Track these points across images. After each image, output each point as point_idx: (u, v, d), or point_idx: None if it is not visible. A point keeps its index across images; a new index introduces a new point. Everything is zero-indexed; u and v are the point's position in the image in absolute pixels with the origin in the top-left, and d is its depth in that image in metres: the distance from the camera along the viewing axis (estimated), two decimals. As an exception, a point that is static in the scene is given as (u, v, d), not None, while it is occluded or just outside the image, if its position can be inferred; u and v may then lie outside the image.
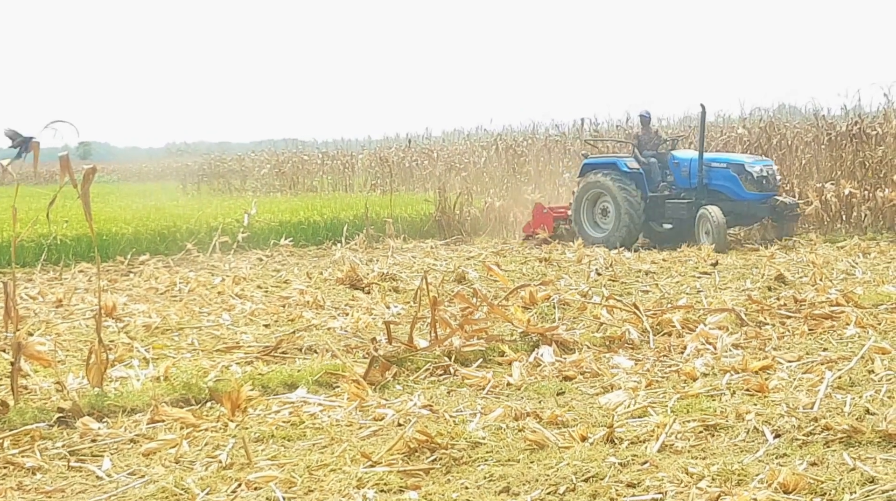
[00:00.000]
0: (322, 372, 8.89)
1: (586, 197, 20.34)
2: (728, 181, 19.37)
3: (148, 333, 11.07)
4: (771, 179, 19.58)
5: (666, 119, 33.47)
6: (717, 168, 19.53)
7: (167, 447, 6.97)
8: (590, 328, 10.94)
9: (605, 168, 20.18)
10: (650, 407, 7.67)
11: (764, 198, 19.35)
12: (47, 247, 17.77)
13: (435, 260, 18.12)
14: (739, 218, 19.46)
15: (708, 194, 19.36)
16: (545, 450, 6.64)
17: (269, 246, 20.78)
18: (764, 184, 19.39)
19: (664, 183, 20.18)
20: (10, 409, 7.66)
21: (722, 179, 19.42)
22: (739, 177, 19.30)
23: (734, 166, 19.49)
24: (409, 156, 38.60)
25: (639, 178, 19.90)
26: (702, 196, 19.34)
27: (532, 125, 35.36)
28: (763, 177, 19.40)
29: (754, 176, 19.30)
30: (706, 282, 14.13)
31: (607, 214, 20.02)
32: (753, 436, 6.81)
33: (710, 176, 19.47)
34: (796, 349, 9.80)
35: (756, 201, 19.31)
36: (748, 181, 19.28)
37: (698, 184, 19.45)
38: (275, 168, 45.48)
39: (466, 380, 8.83)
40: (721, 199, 19.23)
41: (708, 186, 19.44)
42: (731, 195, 19.30)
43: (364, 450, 6.62)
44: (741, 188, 19.28)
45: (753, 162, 19.81)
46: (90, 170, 8.29)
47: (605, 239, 19.64)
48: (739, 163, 19.56)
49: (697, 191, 19.43)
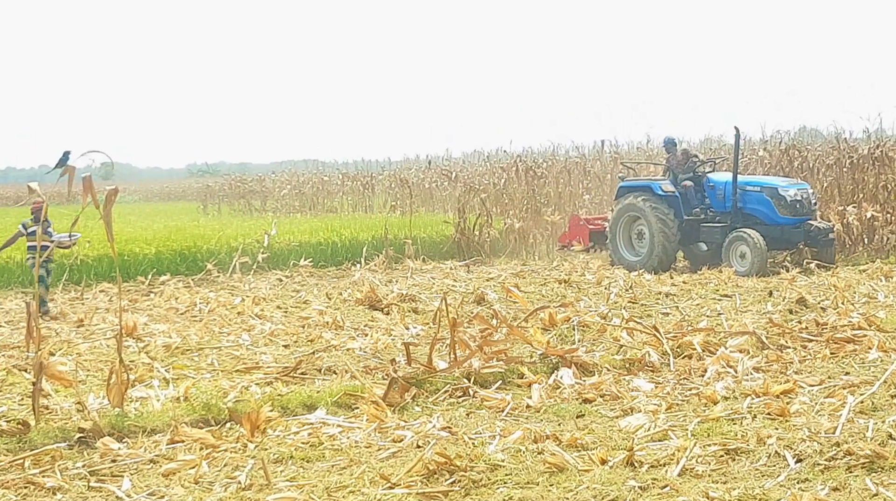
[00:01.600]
0: (341, 393, 8.89)
1: (622, 220, 20.14)
2: (762, 205, 19.01)
3: (168, 353, 11.10)
4: (805, 203, 19.09)
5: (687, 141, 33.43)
6: (752, 191, 19.17)
7: (187, 467, 6.98)
8: (610, 350, 10.91)
9: (641, 191, 19.97)
10: (670, 430, 7.64)
11: (797, 222, 18.90)
12: (69, 267, 17.86)
13: (454, 281, 18.11)
14: (773, 242, 18.83)
15: (743, 218, 19.05)
16: (565, 473, 6.62)
17: (289, 266, 20.83)
18: (798, 209, 18.94)
19: (700, 206, 19.84)
20: (32, 429, 7.71)
21: (756, 203, 19.08)
22: (773, 200, 18.93)
23: (768, 190, 19.13)
24: (428, 178, 38.65)
25: (674, 202, 19.62)
26: (736, 220, 19.02)
27: (552, 146, 35.40)
28: (797, 200, 18.95)
29: (788, 199, 18.89)
30: (727, 305, 14.06)
31: (643, 237, 19.79)
32: (775, 461, 6.77)
33: (745, 199, 19.15)
34: (818, 373, 9.74)
35: (789, 226, 18.88)
36: (782, 205, 18.88)
37: (732, 207, 19.15)
38: (295, 189, 45.64)
39: (485, 402, 8.82)
40: (755, 223, 18.88)
41: (742, 210, 19.13)
42: (764, 219, 18.95)
43: (383, 472, 6.62)
44: (775, 212, 18.89)
45: (788, 185, 19.43)
46: (112, 191, 8.34)
47: (641, 262, 19.38)
48: (773, 187, 19.19)
49: (732, 214, 19.13)
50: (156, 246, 21.05)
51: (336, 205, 42.99)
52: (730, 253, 18.58)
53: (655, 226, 19.28)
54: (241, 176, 52.35)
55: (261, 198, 47.52)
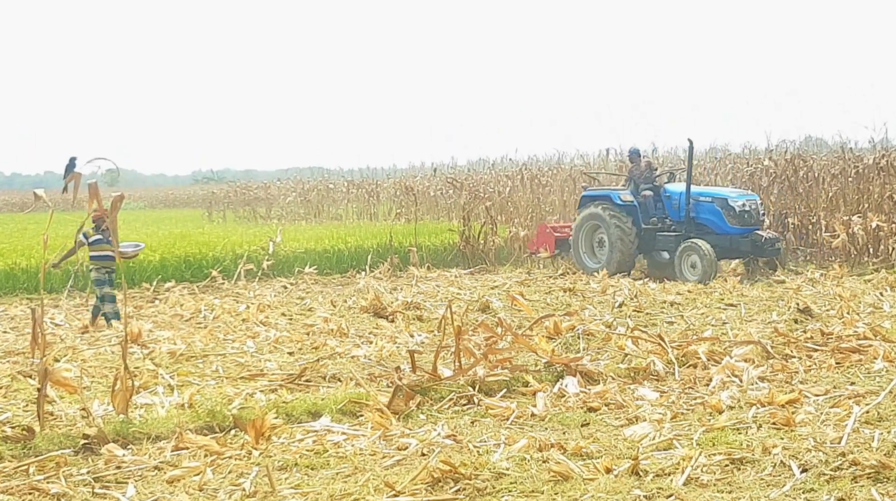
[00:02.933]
0: (346, 400, 8.89)
1: (584, 228, 20.94)
2: (713, 215, 19.62)
3: (173, 360, 11.11)
4: (753, 214, 19.70)
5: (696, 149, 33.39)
6: (704, 202, 19.81)
7: (191, 474, 6.98)
8: (614, 359, 10.90)
9: (602, 201, 20.75)
10: (675, 439, 7.63)
11: (746, 232, 19.46)
12: (74, 274, 17.88)
13: (459, 289, 18.11)
14: (722, 252, 19.42)
15: (695, 227, 19.69)
16: (569, 482, 6.61)
17: (294, 273, 20.85)
18: (746, 219, 19.52)
19: (657, 215, 20.56)
20: (36, 435, 7.71)
21: (707, 213, 19.70)
22: (723, 211, 19.51)
23: (718, 200, 19.73)
24: (434, 185, 38.68)
25: (633, 211, 20.37)
26: (689, 229, 19.65)
27: (557, 155, 35.45)
28: (746, 211, 19.54)
29: (737, 210, 19.47)
30: (732, 314, 14.05)
31: (603, 245, 20.56)
32: (780, 470, 6.76)
33: (697, 209, 19.78)
34: (823, 382, 9.73)
35: (738, 235, 19.44)
36: (731, 215, 19.47)
37: (685, 217, 19.78)
38: (300, 196, 45.70)
39: (490, 410, 8.81)
40: (707, 233, 19.52)
41: (695, 220, 19.76)
42: (715, 229, 19.57)
43: (388, 480, 6.61)
44: (724, 222, 19.48)
45: (737, 196, 20.00)
46: (118, 197, 8.37)
47: (600, 269, 20.03)
48: (723, 198, 19.77)
49: (685, 224, 19.76)
50: (161, 252, 21.07)
51: (341, 212, 43.02)
52: (681, 261, 19.22)
53: (615, 235, 20.05)
54: (246, 183, 52.51)
55: (266, 206, 47.59)
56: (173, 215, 53.18)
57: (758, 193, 23.07)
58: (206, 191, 57.95)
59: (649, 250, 20.60)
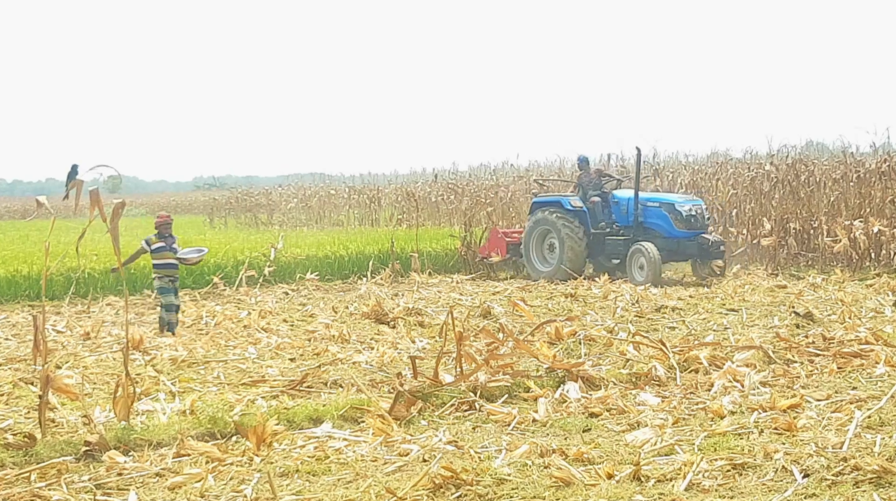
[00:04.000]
0: (347, 406, 8.89)
1: (535, 233, 21.53)
2: (660, 219, 20.29)
3: (174, 366, 11.11)
4: (699, 218, 20.35)
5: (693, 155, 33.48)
6: (651, 207, 20.49)
7: (193, 481, 6.97)
8: (616, 364, 10.90)
9: (552, 206, 21.47)
10: (677, 444, 7.62)
11: (692, 235, 20.11)
12: (76, 281, 17.89)
13: (461, 294, 18.11)
14: (669, 254, 20.11)
15: (643, 231, 20.34)
16: (571, 487, 6.61)
17: (296, 280, 20.86)
18: (692, 223, 20.16)
19: (606, 221, 21.17)
20: (38, 442, 7.71)
21: (655, 217, 20.36)
22: (670, 215, 20.16)
23: (665, 205, 20.39)
24: (435, 191, 38.71)
25: (582, 216, 21.05)
26: (638, 233, 20.33)
27: (559, 160, 35.47)
28: (692, 215, 20.20)
29: (683, 214, 20.12)
30: (733, 319, 14.05)
31: (554, 250, 21.22)
32: (782, 476, 6.75)
33: (645, 214, 20.44)
34: (825, 387, 9.72)
35: (685, 239, 20.08)
36: (678, 219, 20.11)
37: (634, 221, 20.49)
38: (302, 202, 45.70)
39: (492, 416, 8.81)
40: (654, 236, 20.14)
41: (643, 224, 20.42)
42: (662, 232, 20.20)
43: (389, 486, 6.61)
44: (671, 226, 20.13)
45: (683, 201, 20.74)
46: (119, 204, 8.37)
47: (551, 273, 20.81)
48: (670, 203, 20.47)
49: (633, 228, 20.45)
50: (162, 259, 21.03)
51: (342, 218, 43.02)
52: (631, 264, 19.89)
53: (565, 239, 20.72)
54: (247, 189, 52.44)
55: (267, 212, 47.56)
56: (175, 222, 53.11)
57: (757, 197, 23.28)
58: (207, 198, 57.90)
59: (598, 254, 21.24)
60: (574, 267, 20.65)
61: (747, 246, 23.39)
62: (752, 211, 24.12)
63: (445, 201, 37.67)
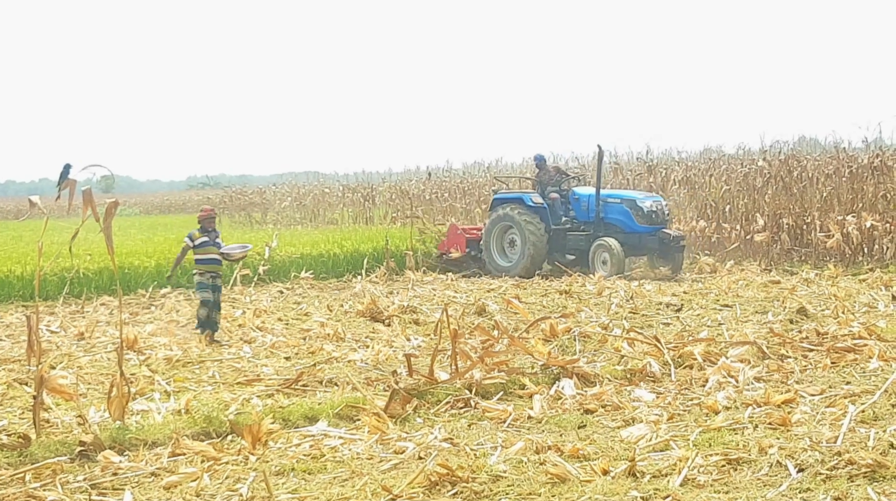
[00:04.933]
0: (343, 404, 8.90)
1: (496, 229, 21.84)
2: (622, 215, 20.78)
3: (169, 366, 11.11)
4: (660, 214, 20.84)
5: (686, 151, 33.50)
6: (613, 203, 20.98)
7: (188, 480, 6.98)
8: (611, 361, 10.91)
9: (513, 203, 21.80)
10: (672, 440, 7.63)
11: (653, 231, 20.56)
12: (70, 281, 17.86)
13: (455, 292, 18.12)
14: (631, 249, 20.66)
15: (604, 227, 20.82)
16: (567, 484, 6.62)
17: (290, 278, 20.84)
18: (653, 218, 20.66)
19: (566, 217, 21.69)
20: (33, 442, 7.70)
21: (616, 213, 20.85)
22: (632, 211, 20.66)
23: (627, 201, 20.93)
24: (429, 189, 38.69)
25: (543, 213, 21.43)
26: (599, 229, 20.83)
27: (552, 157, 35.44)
28: (653, 211, 20.69)
29: (645, 210, 20.60)
30: (727, 315, 14.07)
31: (514, 245, 21.58)
32: (776, 470, 6.76)
33: (606, 210, 20.93)
34: (819, 382, 9.74)
35: (646, 234, 20.56)
36: (639, 215, 20.60)
37: (595, 217, 20.95)
38: (296, 201, 45.62)
39: (487, 413, 8.81)
40: (616, 232, 20.65)
41: (604, 220, 20.89)
42: (623, 228, 20.68)
43: (385, 484, 6.61)
44: (633, 221, 20.62)
45: (644, 197, 21.25)
46: (112, 203, 8.35)
47: (511, 268, 21.24)
48: (632, 199, 21.00)
49: (595, 224, 20.93)
50: (156, 258, 21.03)
51: (337, 216, 42.95)
52: (594, 258, 20.47)
53: (527, 235, 21.06)
54: (241, 188, 52.34)
55: (261, 211, 47.48)
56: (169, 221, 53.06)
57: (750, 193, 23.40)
58: (201, 197, 57.88)
59: (559, 250, 21.59)
60: (534, 262, 21.08)
61: (741, 241, 23.42)
62: (745, 206, 24.16)
63: (440, 199, 37.67)
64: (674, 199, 25.49)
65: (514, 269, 21.11)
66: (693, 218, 24.98)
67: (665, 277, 19.85)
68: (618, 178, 28.08)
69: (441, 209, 36.91)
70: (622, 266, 20.02)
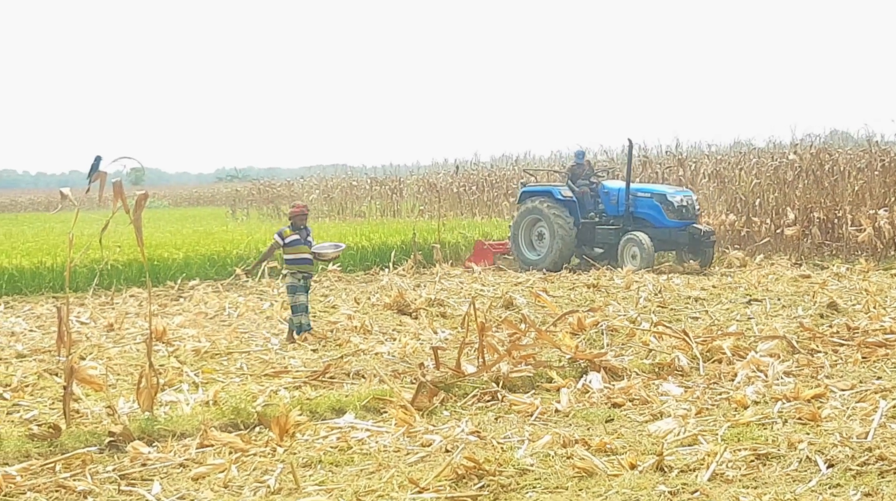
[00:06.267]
0: (370, 397, 8.91)
1: (524, 222, 21.83)
2: (651, 209, 20.79)
3: (197, 357, 11.15)
4: (690, 208, 20.82)
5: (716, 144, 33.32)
6: (642, 197, 20.99)
7: (216, 471, 7.00)
8: (639, 354, 10.86)
9: (542, 196, 21.81)
10: (700, 435, 7.59)
11: (683, 225, 20.57)
12: (99, 272, 17.95)
13: (482, 285, 18.09)
14: (661, 243, 20.59)
15: (634, 221, 20.84)
16: (594, 478, 6.59)
17: (317, 271, 20.86)
18: (683, 213, 20.64)
19: (595, 211, 21.63)
20: (63, 433, 7.75)
21: (646, 208, 20.86)
22: (662, 206, 20.67)
23: (657, 196, 20.91)
24: (457, 182, 38.67)
25: (572, 206, 21.41)
26: (628, 223, 20.84)
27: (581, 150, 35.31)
28: (683, 206, 20.68)
29: (675, 205, 20.61)
30: (757, 310, 13.97)
31: (543, 238, 21.51)
32: (806, 466, 6.71)
33: (636, 204, 20.94)
34: (849, 377, 9.66)
35: (676, 229, 20.56)
36: (669, 210, 20.61)
37: (625, 212, 20.96)
38: (323, 193, 45.69)
39: (514, 407, 8.80)
40: (645, 226, 20.66)
41: (634, 214, 20.91)
42: (653, 222, 20.70)
43: (412, 476, 6.61)
44: (663, 216, 20.63)
45: (675, 192, 21.24)
46: (142, 195, 8.40)
47: (540, 261, 21.17)
48: (662, 194, 20.98)
49: (624, 218, 20.93)
50: (185, 250, 21.14)
51: (364, 209, 43.02)
52: (623, 253, 20.40)
53: (555, 228, 21.00)
54: (269, 180, 52.48)
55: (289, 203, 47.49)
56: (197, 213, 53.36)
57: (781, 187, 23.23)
58: (229, 189, 58.08)
59: (587, 243, 21.48)
60: (563, 255, 21.03)
61: (770, 236, 23.26)
62: (775, 200, 23.96)
63: (468, 192, 37.64)
64: (703, 193, 25.34)
65: (542, 263, 21.02)
66: (723, 211, 24.83)
67: (694, 271, 19.75)
68: (647, 172, 27.92)
69: (468, 202, 36.90)
70: (651, 260, 19.96)
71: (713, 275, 19.09)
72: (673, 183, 25.84)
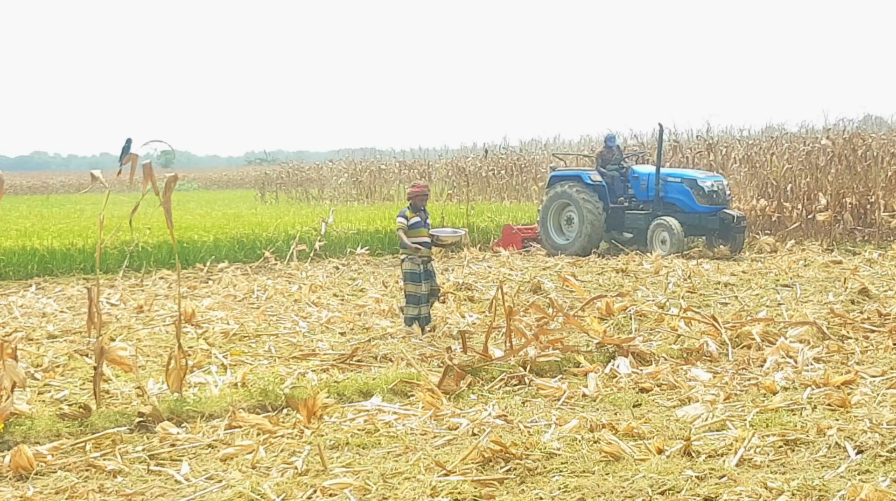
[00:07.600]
0: (397, 380, 8.92)
1: (553, 206, 21.69)
2: (682, 194, 20.56)
3: (226, 340, 11.21)
4: (721, 194, 20.61)
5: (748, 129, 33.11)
6: (673, 182, 20.76)
7: (244, 452, 7.04)
8: (667, 340, 10.82)
9: (571, 180, 21.66)
10: (728, 420, 7.56)
11: (714, 211, 20.37)
12: (129, 254, 18.07)
13: (510, 270, 18.07)
14: (691, 229, 20.46)
15: (664, 206, 20.61)
16: (621, 462, 6.58)
17: (346, 254, 20.92)
18: (714, 198, 20.45)
19: (624, 195, 21.46)
20: (93, 413, 7.82)
21: (676, 193, 20.63)
22: (692, 190, 20.43)
23: (687, 181, 20.68)
24: (486, 166, 38.61)
25: (601, 190, 21.24)
26: (658, 208, 20.62)
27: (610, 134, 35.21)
28: (714, 191, 20.48)
29: (706, 190, 20.40)
30: (787, 295, 13.88)
31: (571, 223, 21.40)
32: (835, 452, 6.67)
33: (666, 189, 20.71)
34: (880, 363, 9.58)
35: (706, 214, 20.36)
36: (700, 195, 20.39)
37: (655, 196, 20.74)
38: (352, 177, 45.74)
39: (541, 391, 8.79)
40: (675, 211, 20.45)
41: (664, 199, 20.68)
42: (683, 207, 20.48)
43: (438, 459, 6.62)
44: (693, 201, 20.41)
45: (705, 177, 20.98)
46: (172, 178, 8.42)
47: (568, 246, 21.14)
48: (692, 178, 20.74)
49: (654, 203, 20.73)
50: (214, 233, 21.25)
51: (393, 192, 43.03)
52: (653, 237, 20.28)
53: (584, 213, 20.88)
54: (298, 164, 52.55)
55: (318, 186, 47.67)
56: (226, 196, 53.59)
57: (813, 172, 23.02)
58: (258, 172, 58.22)
59: (616, 228, 21.44)
60: (591, 240, 20.96)
61: (802, 221, 23.09)
62: (807, 185, 23.74)
63: (496, 176, 37.59)
64: (734, 178, 25.17)
65: (570, 247, 20.96)
66: (754, 196, 24.66)
67: (723, 256, 19.65)
68: (677, 157, 27.76)
69: (497, 187, 36.84)
70: (682, 246, 19.84)
71: (743, 261, 18.98)
72: (704, 168, 25.67)
